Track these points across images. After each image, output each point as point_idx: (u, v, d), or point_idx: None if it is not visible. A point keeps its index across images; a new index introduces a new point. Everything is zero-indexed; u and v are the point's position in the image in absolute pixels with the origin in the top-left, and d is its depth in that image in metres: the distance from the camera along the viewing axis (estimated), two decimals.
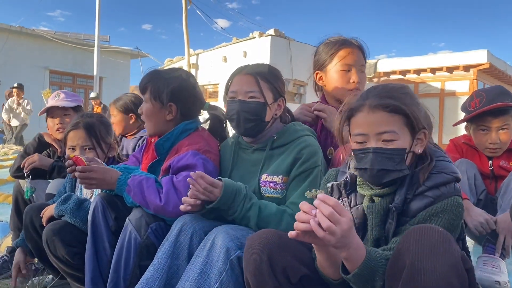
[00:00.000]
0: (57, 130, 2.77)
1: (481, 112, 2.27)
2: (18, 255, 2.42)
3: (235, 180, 1.84)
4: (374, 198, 1.38)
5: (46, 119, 2.85)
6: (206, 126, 2.16)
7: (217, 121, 2.11)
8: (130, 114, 3.13)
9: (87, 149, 2.24)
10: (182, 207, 1.63)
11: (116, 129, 3.12)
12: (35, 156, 2.64)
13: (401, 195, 1.33)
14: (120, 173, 1.84)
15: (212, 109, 2.12)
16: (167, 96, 1.98)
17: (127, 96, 3.22)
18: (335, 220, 1.06)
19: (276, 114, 1.89)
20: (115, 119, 3.14)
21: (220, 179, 1.64)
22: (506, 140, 2.30)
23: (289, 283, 1.33)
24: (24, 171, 2.59)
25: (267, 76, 1.86)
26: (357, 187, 1.43)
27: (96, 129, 2.27)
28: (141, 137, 2.97)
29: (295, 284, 1.34)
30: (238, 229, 1.60)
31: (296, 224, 1.11)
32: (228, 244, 1.51)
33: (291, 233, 1.13)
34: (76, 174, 1.81)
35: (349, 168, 1.46)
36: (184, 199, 1.64)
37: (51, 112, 2.81)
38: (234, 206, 1.64)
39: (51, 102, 2.81)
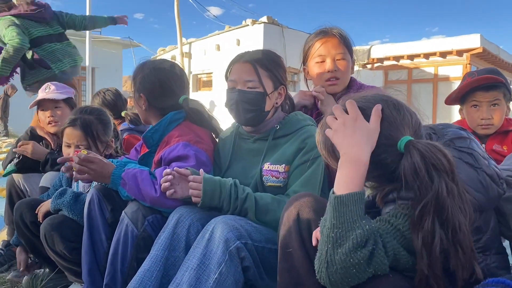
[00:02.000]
0: (49, 123, 2.73)
1: (472, 88, 2.28)
2: (19, 254, 2.46)
3: (236, 170, 1.85)
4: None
5: (37, 112, 2.82)
6: None
7: (191, 118, 2.00)
8: None
9: (82, 148, 2.19)
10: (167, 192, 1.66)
11: None
12: (30, 145, 2.61)
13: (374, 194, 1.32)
14: (115, 167, 1.82)
15: (187, 103, 1.99)
16: (136, 86, 2.02)
17: (99, 96, 3.18)
18: None
19: (277, 103, 1.86)
20: None
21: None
22: (497, 117, 2.31)
23: (310, 241, 1.33)
24: (14, 150, 2.61)
25: (266, 64, 1.81)
26: None
27: (93, 128, 2.22)
28: (121, 130, 2.90)
29: (315, 246, 1.33)
30: (237, 219, 1.60)
31: None
32: (227, 235, 1.50)
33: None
34: (74, 163, 1.79)
35: None
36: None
37: (41, 105, 2.76)
38: (224, 198, 1.64)
39: (41, 94, 2.76)
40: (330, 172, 1.79)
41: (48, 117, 2.73)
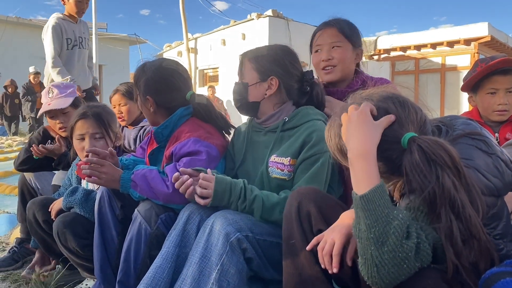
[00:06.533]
0: (60, 129, 2.68)
1: (489, 73, 2.22)
2: (38, 254, 2.56)
3: (249, 162, 1.88)
4: None
5: (45, 115, 2.77)
6: None
7: (198, 114, 2.00)
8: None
9: (97, 138, 2.22)
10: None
11: (128, 118, 3.04)
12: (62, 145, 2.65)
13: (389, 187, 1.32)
14: (122, 172, 1.83)
15: (194, 99, 1.99)
16: (142, 89, 1.99)
17: (126, 83, 3.16)
18: None
19: (266, 94, 1.85)
20: (125, 108, 3.01)
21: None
22: None
23: (311, 231, 1.39)
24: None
25: (253, 57, 1.88)
26: None
27: (104, 118, 2.25)
28: (142, 126, 2.91)
29: (315, 233, 1.39)
30: (237, 213, 1.62)
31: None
32: (226, 228, 1.53)
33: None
34: (84, 169, 1.80)
35: None
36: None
37: (49, 112, 2.69)
38: (233, 200, 1.64)
39: (45, 100, 2.70)
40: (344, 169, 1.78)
41: (58, 124, 2.68)
